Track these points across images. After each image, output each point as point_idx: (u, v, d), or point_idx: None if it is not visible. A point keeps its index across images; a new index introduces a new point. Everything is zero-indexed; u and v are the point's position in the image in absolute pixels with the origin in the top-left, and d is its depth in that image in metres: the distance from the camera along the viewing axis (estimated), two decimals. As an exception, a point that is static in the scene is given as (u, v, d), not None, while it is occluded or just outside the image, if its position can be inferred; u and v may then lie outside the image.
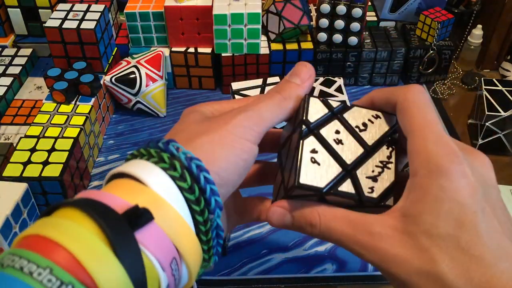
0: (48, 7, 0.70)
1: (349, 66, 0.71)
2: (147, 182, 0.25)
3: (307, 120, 0.30)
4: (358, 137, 0.30)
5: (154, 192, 0.25)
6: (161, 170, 0.25)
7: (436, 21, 0.68)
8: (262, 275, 0.49)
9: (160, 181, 0.25)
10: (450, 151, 0.26)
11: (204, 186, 0.26)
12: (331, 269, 0.49)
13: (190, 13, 0.66)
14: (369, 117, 0.30)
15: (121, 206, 0.23)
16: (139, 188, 0.25)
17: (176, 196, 0.25)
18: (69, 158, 0.52)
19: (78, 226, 0.22)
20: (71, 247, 0.21)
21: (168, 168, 0.26)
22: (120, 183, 0.26)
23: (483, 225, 0.24)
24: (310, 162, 0.28)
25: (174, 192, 0.25)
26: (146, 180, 0.25)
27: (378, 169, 0.29)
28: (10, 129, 0.60)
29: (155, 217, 0.24)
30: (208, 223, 0.26)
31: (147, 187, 0.25)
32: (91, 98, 0.60)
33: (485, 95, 0.61)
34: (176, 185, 0.25)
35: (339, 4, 0.66)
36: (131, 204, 0.24)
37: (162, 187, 0.25)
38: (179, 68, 0.70)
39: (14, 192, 0.48)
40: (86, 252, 0.21)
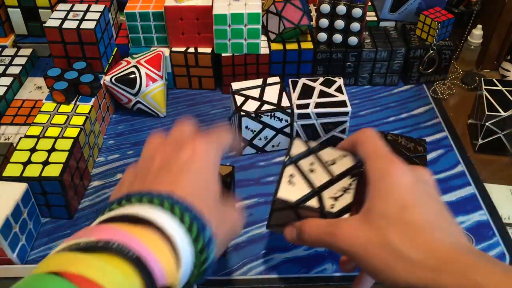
0: (48, 7, 0.70)
1: (349, 66, 0.71)
2: (180, 259, 0.29)
3: (290, 154, 0.40)
4: (327, 169, 0.39)
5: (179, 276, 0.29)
6: (186, 237, 0.30)
7: (436, 21, 0.68)
8: (262, 275, 0.49)
9: (179, 236, 0.29)
10: (393, 160, 0.35)
11: (208, 242, 0.31)
12: (331, 269, 0.49)
13: (190, 13, 0.66)
14: (338, 155, 0.40)
15: (161, 283, 0.27)
16: (174, 268, 0.29)
17: (189, 250, 0.30)
18: (69, 158, 0.52)
19: (125, 280, 0.26)
20: None
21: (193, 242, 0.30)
22: (158, 244, 0.29)
23: (422, 207, 0.33)
24: (287, 183, 0.38)
25: (189, 248, 0.30)
26: (180, 255, 0.29)
27: (340, 193, 0.38)
28: (10, 129, 0.60)
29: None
30: (203, 273, 0.32)
31: (179, 269, 0.29)
32: (91, 98, 0.60)
33: (485, 95, 0.61)
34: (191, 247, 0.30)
35: (339, 4, 0.66)
36: (167, 284, 0.28)
37: (186, 260, 0.30)
38: (179, 68, 0.70)
39: (14, 192, 0.48)
40: None
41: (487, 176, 0.60)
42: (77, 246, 0.26)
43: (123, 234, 0.27)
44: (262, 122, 0.58)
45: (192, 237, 0.30)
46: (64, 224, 0.53)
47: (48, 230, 0.53)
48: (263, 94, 0.60)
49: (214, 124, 0.67)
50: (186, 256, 0.29)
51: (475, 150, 0.63)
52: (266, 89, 0.61)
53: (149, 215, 0.29)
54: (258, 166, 0.60)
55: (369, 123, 0.66)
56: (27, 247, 0.50)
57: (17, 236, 0.48)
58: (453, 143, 0.64)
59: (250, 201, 0.56)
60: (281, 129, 0.60)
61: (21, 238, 0.49)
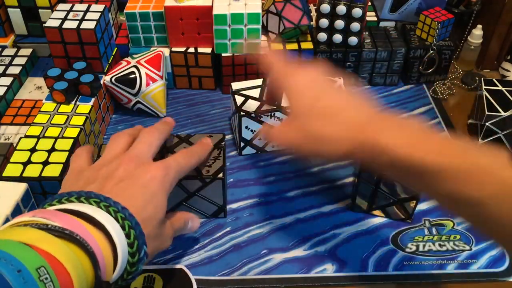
0: (48, 7, 0.70)
1: (349, 66, 0.71)
2: (118, 259, 0.32)
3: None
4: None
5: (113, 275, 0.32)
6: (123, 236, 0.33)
7: (436, 21, 0.68)
8: (262, 275, 0.49)
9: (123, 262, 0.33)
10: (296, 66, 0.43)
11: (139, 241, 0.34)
12: (331, 269, 0.49)
13: (190, 13, 0.66)
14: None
15: (104, 278, 0.30)
16: (111, 269, 0.32)
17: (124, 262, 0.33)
18: (69, 158, 0.52)
19: (82, 266, 0.28)
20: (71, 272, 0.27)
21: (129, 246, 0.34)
22: (104, 244, 0.31)
23: (330, 96, 0.41)
24: None
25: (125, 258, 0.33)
26: (119, 259, 0.32)
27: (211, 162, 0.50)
28: (10, 129, 0.60)
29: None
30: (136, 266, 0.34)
31: (114, 268, 0.32)
32: (91, 98, 0.60)
33: (485, 95, 0.61)
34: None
35: (339, 4, 0.66)
36: (107, 280, 0.31)
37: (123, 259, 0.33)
38: (179, 68, 0.70)
39: (14, 192, 0.48)
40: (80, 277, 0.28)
41: (487, 176, 0.60)
42: (45, 226, 0.28)
43: (83, 229, 0.30)
44: (262, 122, 0.58)
45: (128, 242, 0.33)
46: (64, 224, 0.53)
47: (48, 230, 0.53)
48: (263, 94, 0.60)
49: (214, 124, 0.67)
50: (123, 262, 0.32)
51: (475, 150, 0.63)
52: (266, 89, 0.61)
53: (98, 218, 0.32)
54: (258, 166, 0.60)
55: (369, 123, 0.67)
56: (27, 247, 0.50)
57: (17, 236, 0.48)
58: (453, 143, 0.64)
59: (250, 201, 0.56)
60: (281, 129, 0.60)
61: (21, 238, 0.49)
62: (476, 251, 0.51)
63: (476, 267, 0.49)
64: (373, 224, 0.53)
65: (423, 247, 0.51)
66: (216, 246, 0.51)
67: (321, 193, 0.57)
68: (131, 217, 0.34)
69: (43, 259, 0.25)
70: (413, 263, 0.50)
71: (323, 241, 0.52)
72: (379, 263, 0.49)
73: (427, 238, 0.52)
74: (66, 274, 0.26)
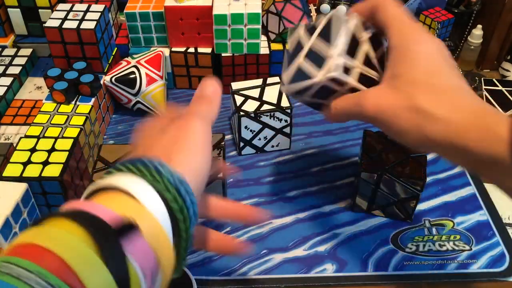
0: (48, 7, 0.70)
1: (349, 66, 0.71)
2: (136, 195, 0.27)
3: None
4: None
5: (142, 205, 0.27)
6: (147, 183, 0.28)
7: (436, 21, 0.68)
8: (262, 275, 0.49)
9: (147, 194, 0.28)
10: (416, 27, 0.36)
11: (185, 197, 0.29)
12: (331, 269, 0.49)
13: (190, 13, 0.66)
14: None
15: (110, 216, 0.25)
16: (128, 201, 0.27)
17: (161, 208, 0.28)
18: (69, 158, 0.52)
19: (68, 234, 0.24)
20: (60, 252, 0.22)
21: (153, 182, 0.28)
22: (109, 195, 0.28)
23: (446, 74, 0.35)
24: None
25: (160, 205, 0.28)
26: (135, 193, 0.27)
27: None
28: (10, 129, 0.60)
29: (142, 230, 0.26)
30: (189, 230, 0.29)
31: (136, 200, 0.27)
32: (91, 98, 0.60)
33: (485, 95, 0.61)
34: (162, 197, 0.28)
35: (339, 4, 0.66)
36: (119, 215, 0.25)
37: (149, 200, 0.27)
38: (179, 68, 0.70)
39: (14, 192, 0.48)
40: (75, 257, 0.23)
41: (487, 176, 0.60)
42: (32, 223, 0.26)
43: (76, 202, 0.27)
44: (261, 122, 0.58)
45: (149, 179, 0.29)
46: (64, 224, 0.53)
47: (48, 230, 0.53)
48: (262, 94, 0.60)
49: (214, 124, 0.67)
50: (142, 190, 0.28)
51: (475, 150, 0.63)
52: (266, 89, 0.61)
53: (107, 181, 0.29)
54: (258, 166, 0.60)
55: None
56: (27, 247, 0.50)
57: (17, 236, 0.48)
58: (453, 143, 0.64)
59: (250, 201, 0.56)
60: (281, 129, 0.60)
61: (21, 238, 0.49)
62: (476, 251, 0.51)
63: (476, 267, 0.49)
64: (373, 224, 0.53)
65: (423, 247, 0.51)
66: (216, 246, 0.51)
67: (321, 193, 0.57)
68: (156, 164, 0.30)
69: (5, 257, 0.23)
70: (413, 263, 0.50)
71: (323, 241, 0.52)
72: (379, 263, 0.49)
73: (427, 238, 0.52)
74: (44, 251, 0.23)
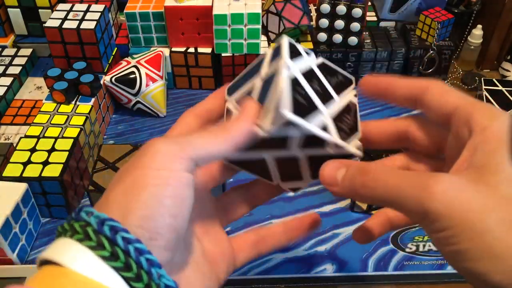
0: (48, 7, 0.70)
1: (349, 66, 0.71)
2: (72, 267, 0.22)
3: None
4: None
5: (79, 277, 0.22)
6: (83, 247, 0.22)
7: (436, 21, 0.68)
8: (262, 275, 0.48)
9: (84, 262, 0.22)
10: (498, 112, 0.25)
11: (126, 248, 0.22)
12: (331, 269, 0.49)
13: (190, 13, 0.66)
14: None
15: None
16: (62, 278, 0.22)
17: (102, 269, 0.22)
18: (69, 158, 0.52)
19: None
20: None
21: (82, 239, 0.23)
22: (43, 273, 0.23)
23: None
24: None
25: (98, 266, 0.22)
26: (70, 265, 0.22)
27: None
28: (10, 129, 0.60)
29: None
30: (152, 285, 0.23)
31: (71, 273, 0.22)
32: (91, 98, 0.60)
33: (485, 95, 0.61)
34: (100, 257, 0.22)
35: (339, 4, 0.66)
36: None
37: (88, 268, 0.22)
38: (179, 68, 0.70)
39: (14, 192, 0.48)
40: None
41: (487, 176, 0.60)
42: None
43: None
44: None
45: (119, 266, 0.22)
46: (64, 224, 0.53)
47: (48, 230, 0.53)
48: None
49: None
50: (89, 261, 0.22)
51: (475, 150, 0.63)
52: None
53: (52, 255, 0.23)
54: (258, 166, 0.60)
55: (369, 123, 0.67)
56: (27, 247, 0.50)
57: (17, 236, 0.48)
58: (453, 143, 0.64)
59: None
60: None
61: (21, 238, 0.49)
62: (476, 251, 0.51)
63: (476, 267, 0.49)
64: (373, 224, 0.53)
65: (423, 247, 0.51)
66: (216, 246, 0.51)
67: (321, 193, 0.57)
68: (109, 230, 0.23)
69: None
70: (413, 263, 0.50)
71: (323, 241, 0.52)
72: (379, 263, 0.49)
73: (427, 238, 0.52)
74: None
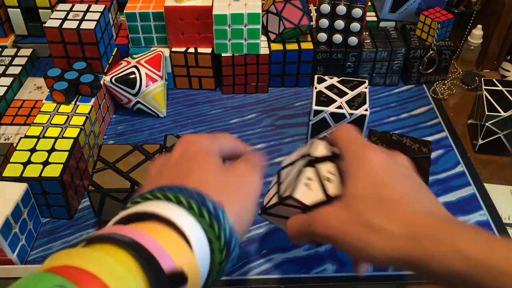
0: (48, 7, 0.70)
1: (349, 66, 0.71)
2: (192, 245, 0.28)
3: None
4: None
5: (196, 260, 0.28)
6: (202, 231, 0.29)
7: (436, 21, 0.68)
8: (262, 275, 0.49)
9: (200, 244, 0.28)
10: (366, 145, 0.36)
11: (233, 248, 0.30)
12: (331, 269, 0.49)
13: (190, 13, 0.66)
14: None
15: (168, 266, 0.25)
16: (185, 251, 0.27)
17: (207, 258, 0.29)
18: (69, 158, 0.52)
19: (123, 269, 0.24)
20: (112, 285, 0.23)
21: (207, 229, 0.29)
22: (166, 233, 0.27)
23: (397, 184, 0.34)
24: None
25: (207, 254, 0.29)
26: (191, 242, 0.28)
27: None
28: (10, 129, 0.60)
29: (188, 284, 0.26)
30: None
31: (191, 252, 0.28)
32: (91, 98, 0.60)
33: (485, 95, 0.61)
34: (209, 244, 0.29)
35: (339, 4, 0.66)
36: (174, 265, 0.26)
37: (200, 250, 0.28)
38: (179, 68, 0.70)
39: (14, 192, 0.48)
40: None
41: (487, 176, 0.60)
42: (74, 243, 0.26)
43: (124, 228, 0.27)
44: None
45: (206, 223, 0.29)
46: (64, 224, 0.53)
47: (48, 230, 0.53)
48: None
49: (214, 124, 0.67)
50: (198, 238, 0.28)
51: (475, 150, 0.63)
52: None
53: (151, 208, 0.28)
54: (258, 166, 0.60)
55: (370, 123, 0.66)
56: (27, 247, 0.50)
57: (17, 236, 0.48)
58: (453, 143, 0.64)
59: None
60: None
61: (21, 238, 0.49)
62: (476, 251, 0.51)
63: (476, 267, 0.49)
64: (373, 224, 0.53)
65: (423, 247, 0.51)
66: (216, 246, 0.51)
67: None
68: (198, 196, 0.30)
69: (60, 277, 0.23)
70: (413, 263, 0.49)
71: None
72: (379, 263, 0.49)
73: (427, 238, 0.52)
74: (98, 281, 0.23)
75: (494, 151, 0.62)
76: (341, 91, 0.59)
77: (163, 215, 0.28)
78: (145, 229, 0.27)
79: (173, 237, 0.27)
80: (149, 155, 0.52)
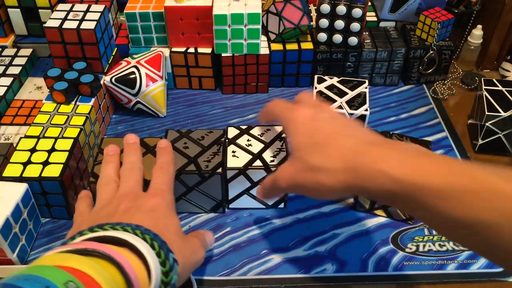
0: (48, 7, 0.70)
1: (349, 67, 0.71)
2: (152, 275, 0.32)
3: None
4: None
5: (151, 277, 0.32)
6: (156, 258, 0.33)
7: (436, 21, 0.68)
8: (262, 275, 0.49)
9: (154, 267, 0.33)
10: (292, 108, 0.43)
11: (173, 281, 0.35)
12: (331, 269, 0.49)
13: (190, 13, 0.66)
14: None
15: (136, 282, 0.31)
16: (142, 269, 0.32)
17: (158, 278, 0.33)
18: (69, 158, 0.52)
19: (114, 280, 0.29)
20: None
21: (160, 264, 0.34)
22: (135, 260, 0.32)
23: (325, 127, 0.40)
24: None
25: (158, 276, 0.33)
26: (152, 272, 0.32)
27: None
28: (10, 129, 0.60)
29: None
30: None
31: (151, 282, 0.32)
32: (91, 98, 0.60)
33: (485, 95, 0.61)
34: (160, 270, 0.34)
35: (339, 4, 0.66)
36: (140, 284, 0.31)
37: (154, 272, 0.33)
38: (179, 68, 0.70)
39: (14, 192, 0.48)
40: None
41: (487, 176, 0.60)
42: (66, 250, 0.29)
43: (106, 247, 0.31)
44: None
45: (160, 260, 0.33)
46: (64, 224, 0.53)
47: (48, 230, 0.53)
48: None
49: (214, 124, 0.67)
50: (156, 276, 0.32)
51: (475, 150, 0.63)
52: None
53: (126, 238, 0.33)
54: (258, 166, 0.60)
55: (370, 123, 0.66)
56: (27, 247, 0.50)
57: (17, 236, 0.48)
58: (453, 143, 0.64)
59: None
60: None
61: (21, 238, 0.49)
62: (476, 251, 0.51)
63: (476, 267, 0.49)
64: (373, 224, 0.53)
65: (423, 247, 0.51)
66: (216, 246, 0.51)
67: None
68: (151, 233, 0.35)
69: (70, 274, 0.26)
70: (413, 263, 0.50)
71: (323, 241, 0.52)
72: (379, 263, 0.49)
73: (427, 238, 0.52)
74: (97, 285, 0.27)
75: (494, 151, 0.62)
76: (341, 91, 0.59)
77: (128, 242, 0.32)
78: (117, 250, 0.31)
79: (141, 266, 0.32)
80: (150, 148, 0.52)
